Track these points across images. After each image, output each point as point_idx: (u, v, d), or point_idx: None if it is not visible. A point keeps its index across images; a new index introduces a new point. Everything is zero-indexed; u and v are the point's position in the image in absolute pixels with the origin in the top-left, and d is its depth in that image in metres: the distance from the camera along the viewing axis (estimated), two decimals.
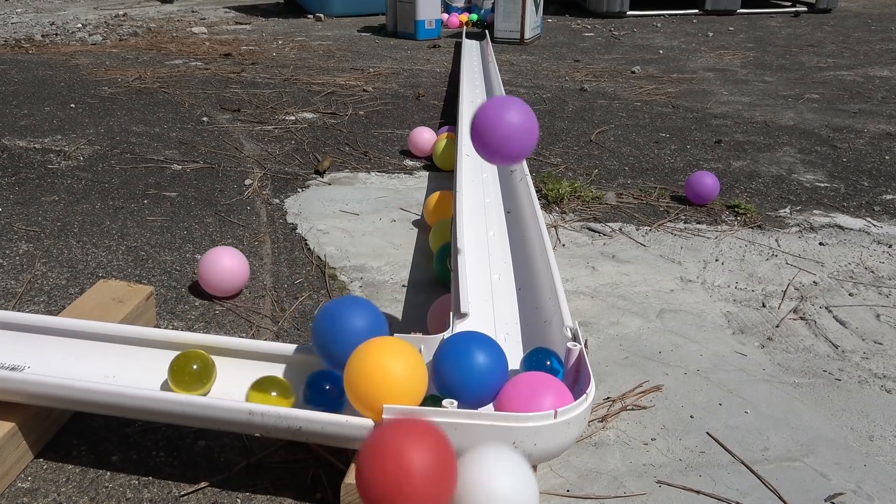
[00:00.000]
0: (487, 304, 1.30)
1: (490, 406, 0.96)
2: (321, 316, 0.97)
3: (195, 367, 1.01)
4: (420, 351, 1.04)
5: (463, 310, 1.11)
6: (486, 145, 1.08)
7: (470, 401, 0.93)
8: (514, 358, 1.12)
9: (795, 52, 4.81)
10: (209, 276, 1.47)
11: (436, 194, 1.83)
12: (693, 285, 1.64)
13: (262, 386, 0.98)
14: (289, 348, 1.08)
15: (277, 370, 1.08)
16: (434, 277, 1.62)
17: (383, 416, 0.87)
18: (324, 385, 0.98)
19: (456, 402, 0.91)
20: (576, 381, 1.00)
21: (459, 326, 1.10)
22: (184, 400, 0.93)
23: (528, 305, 1.29)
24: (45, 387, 0.97)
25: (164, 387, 1.05)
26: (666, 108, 3.27)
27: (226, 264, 1.48)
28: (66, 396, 0.97)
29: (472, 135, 1.08)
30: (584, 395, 0.91)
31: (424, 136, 2.43)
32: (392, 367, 0.87)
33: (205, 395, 1.02)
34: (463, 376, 0.92)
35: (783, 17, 6.63)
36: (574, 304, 1.53)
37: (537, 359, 1.01)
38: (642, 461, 1.09)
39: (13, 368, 1.05)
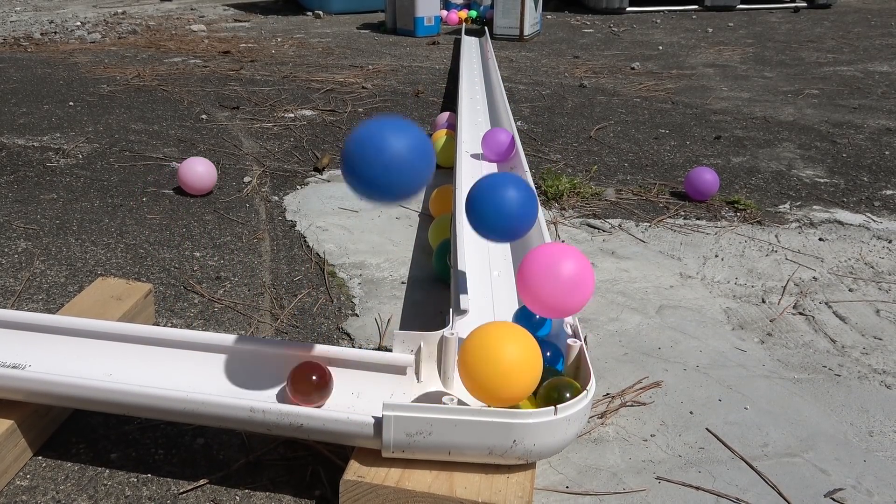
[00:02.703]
0: (487, 300, 1.30)
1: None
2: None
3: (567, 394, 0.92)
4: (420, 349, 1.04)
5: (463, 306, 1.11)
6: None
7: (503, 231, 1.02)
8: None
9: (795, 48, 4.81)
10: (187, 178, 1.97)
11: (442, 187, 1.83)
12: (693, 281, 1.64)
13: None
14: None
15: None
16: (433, 274, 1.62)
17: (383, 413, 0.86)
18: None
19: (456, 399, 0.91)
20: (576, 378, 1.00)
21: (459, 323, 1.10)
22: (184, 397, 0.93)
23: None
24: (45, 385, 0.96)
25: (185, 385, 1.04)
26: (665, 104, 3.27)
27: (199, 169, 1.99)
28: (66, 394, 0.97)
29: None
30: (585, 391, 0.91)
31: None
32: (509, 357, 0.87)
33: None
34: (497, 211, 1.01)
35: (783, 12, 6.62)
36: None
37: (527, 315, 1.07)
38: (642, 457, 1.09)
39: (14, 366, 1.05)
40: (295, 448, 1.07)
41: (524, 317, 1.13)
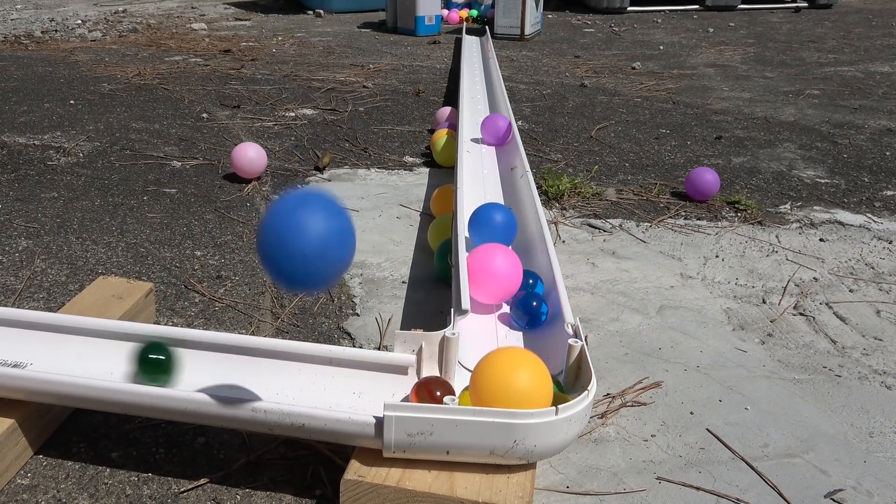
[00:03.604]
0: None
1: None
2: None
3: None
4: (422, 348, 1.04)
5: (464, 306, 1.11)
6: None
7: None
8: None
9: (796, 48, 4.81)
10: (240, 163, 2.10)
11: (443, 187, 1.84)
12: (693, 282, 1.64)
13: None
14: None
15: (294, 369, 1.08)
16: (434, 274, 1.62)
17: (384, 413, 0.86)
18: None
19: (457, 400, 0.91)
20: (577, 378, 1.01)
21: (461, 323, 1.10)
22: (186, 397, 0.93)
23: None
24: (47, 384, 0.96)
25: (186, 384, 1.04)
26: (666, 104, 3.27)
27: (251, 154, 2.11)
28: (68, 394, 0.97)
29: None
30: (586, 391, 0.91)
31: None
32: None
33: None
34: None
35: (784, 12, 6.62)
36: (574, 300, 1.53)
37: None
38: (642, 457, 1.09)
39: (15, 365, 1.05)
40: (295, 447, 1.07)
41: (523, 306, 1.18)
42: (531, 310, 1.18)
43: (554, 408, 0.87)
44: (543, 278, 1.32)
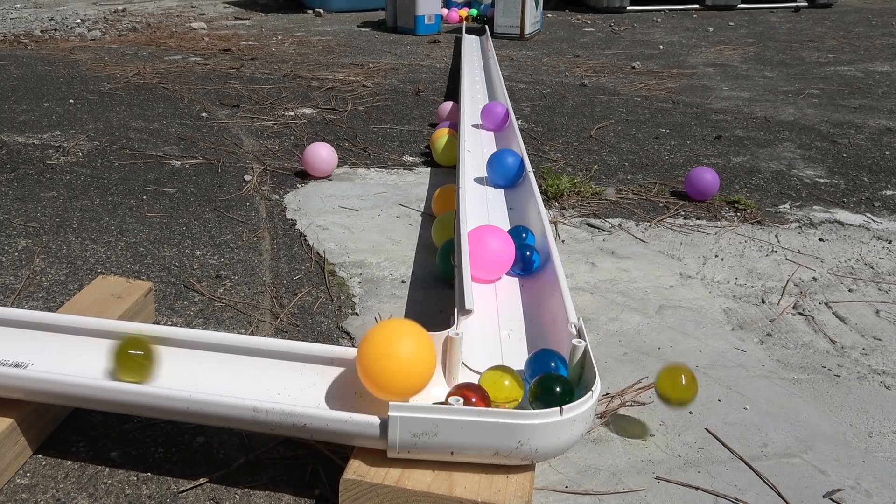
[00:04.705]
0: (491, 300, 1.30)
1: None
2: None
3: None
4: None
5: (467, 306, 1.11)
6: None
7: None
8: (519, 356, 1.12)
9: (796, 48, 4.81)
10: (312, 161, 2.18)
11: (444, 187, 1.84)
12: (692, 281, 1.64)
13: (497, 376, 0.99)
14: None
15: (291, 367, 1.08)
16: (434, 273, 1.62)
17: (389, 413, 0.87)
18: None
19: (462, 400, 0.91)
20: (581, 378, 1.00)
21: (464, 323, 1.10)
22: (187, 397, 0.93)
23: (532, 302, 1.29)
24: (48, 384, 0.96)
25: (186, 384, 1.04)
26: (666, 103, 3.27)
27: (322, 153, 2.19)
28: (68, 394, 0.97)
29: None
30: (590, 392, 0.90)
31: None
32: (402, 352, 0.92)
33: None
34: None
35: (784, 12, 6.62)
36: (573, 299, 1.52)
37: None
38: (641, 457, 1.09)
39: (17, 365, 1.05)
40: (295, 447, 1.07)
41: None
42: (524, 258, 1.36)
43: (558, 408, 0.86)
44: (546, 278, 1.32)
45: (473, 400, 0.91)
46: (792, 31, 5.54)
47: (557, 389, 0.93)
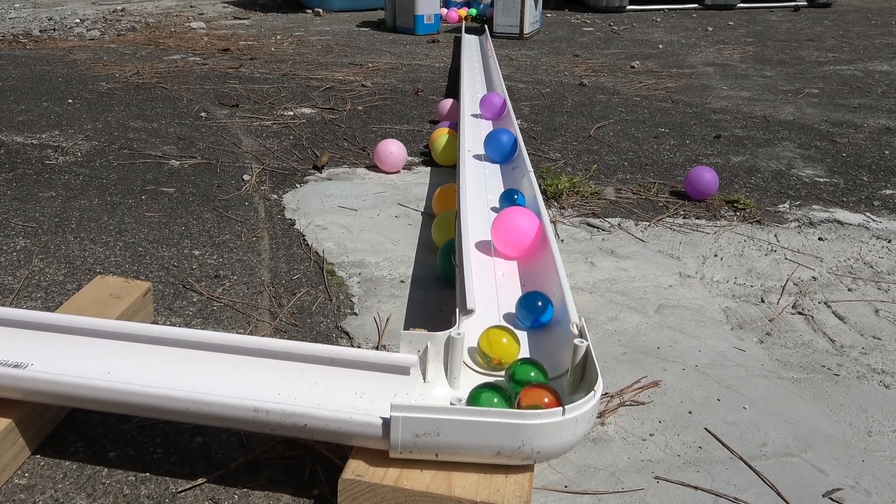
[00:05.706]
0: (493, 300, 1.30)
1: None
2: None
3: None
4: (427, 348, 1.03)
5: (469, 306, 1.11)
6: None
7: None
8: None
9: (795, 47, 4.81)
10: (383, 157, 2.25)
11: (444, 186, 1.84)
12: (692, 281, 1.64)
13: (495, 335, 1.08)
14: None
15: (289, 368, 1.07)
16: (433, 273, 1.62)
17: (391, 414, 0.86)
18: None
19: (464, 400, 0.91)
20: (583, 378, 1.00)
21: (465, 323, 1.10)
22: (187, 397, 0.93)
23: None
24: (47, 384, 0.96)
25: (185, 384, 1.04)
26: (665, 102, 3.27)
27: (393, 149, 2.25)
28: (67, 394, 0.97)
29: None
30: (592, 392, 0.90)
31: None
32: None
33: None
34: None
35: (783, 11, 6.62)
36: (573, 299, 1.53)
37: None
38: (640, 457, 1.09)
39: (16, 365, 1.05)
40: (293, 447, 1.07)
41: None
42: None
43: (560, 408, 0.86)
44: (548, 278, 1.31)
45: (546, 400, 0.92)
46: (791, 30, 5.54)
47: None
